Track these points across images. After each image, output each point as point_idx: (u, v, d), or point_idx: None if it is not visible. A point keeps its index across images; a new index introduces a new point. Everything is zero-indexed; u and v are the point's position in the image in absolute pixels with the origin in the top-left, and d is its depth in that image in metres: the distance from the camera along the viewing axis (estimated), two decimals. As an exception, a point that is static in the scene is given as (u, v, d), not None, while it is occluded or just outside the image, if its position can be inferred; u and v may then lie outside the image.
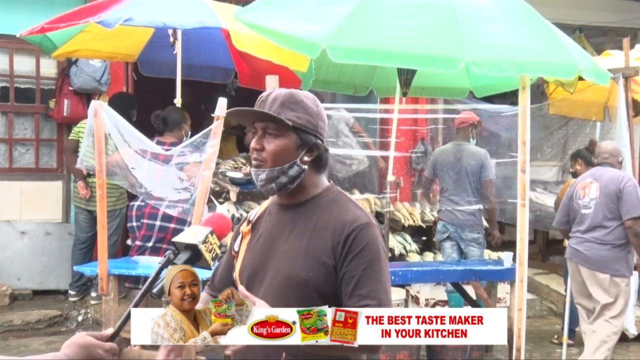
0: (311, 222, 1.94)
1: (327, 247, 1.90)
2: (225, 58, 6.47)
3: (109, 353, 1.67)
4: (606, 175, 5.15)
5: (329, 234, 1.91)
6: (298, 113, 1.94)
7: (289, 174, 1.93)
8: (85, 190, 6.37)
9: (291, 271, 1.90)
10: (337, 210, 1.96)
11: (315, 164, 2.00)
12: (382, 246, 1.94)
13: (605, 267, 4.99)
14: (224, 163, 7.14)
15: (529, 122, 4.68)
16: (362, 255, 1.88)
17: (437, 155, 6.46)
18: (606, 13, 9.01)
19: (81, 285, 6.76)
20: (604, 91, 6.33)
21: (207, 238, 1.81)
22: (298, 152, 1.94)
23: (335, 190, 2.04)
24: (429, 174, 6.54)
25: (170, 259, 1.78)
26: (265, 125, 1.93)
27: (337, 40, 4.15)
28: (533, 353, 6.22)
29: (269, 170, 1.93)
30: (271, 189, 1.94)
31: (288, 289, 1.90)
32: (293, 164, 1.93)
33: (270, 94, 1.96)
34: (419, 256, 7.02)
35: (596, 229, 5.06)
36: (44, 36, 5.51)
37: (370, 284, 1.86)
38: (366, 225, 1.92)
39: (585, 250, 5.07)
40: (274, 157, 1.92)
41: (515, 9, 4.76)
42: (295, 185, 1.95)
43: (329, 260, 1.89)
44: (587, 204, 5.15)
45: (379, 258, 1.91)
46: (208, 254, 1.80)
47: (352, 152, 6.75)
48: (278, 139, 1.92)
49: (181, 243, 1.80)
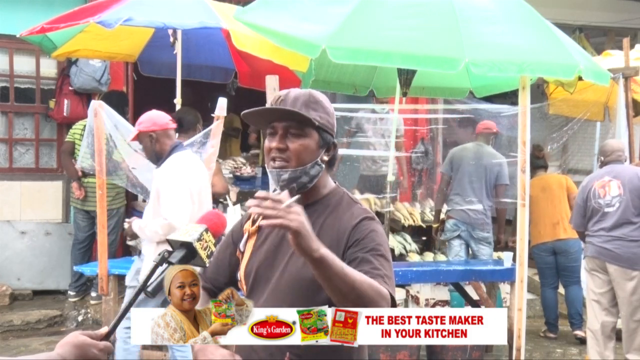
0: (318, 223, 1.94)
1: (335, 247, 1.89)
2: (225, 58, 6.47)
3: (103, 352, 1.66)
4: (626, 171, 5.16)
5: (334, 233, 1.92)
6: (319, 113, 1.95)
7: (311, 173, 1.94)
8: (79, 191, 6.38)
9: (298, 272, 1.90)
10: (342, 210, 1.97)
11: (329, 164, 2.01)
12: (384, 237, 1.95)
13: (638, 264, 5.00)
14: (224, 163, 7.16)
15: (529, 122, 4.68)
16: (365, 242, 1.89)
17: (456, 152, 6.47)
18: (606, 13, 9.01)
19: (81, 285, 6.76)
20: (604, 91, 6.33)
21: (201, 236, 1.80)
22: (319, 152, 1.95)
23: (341, 191, 2.05)
24: (445, 170, 6.52)
25: (164, 257, 1.77)
26: (288, 125, 1.92)
27: (337, 41, 4.15)
28: (533, 353, 6.22)
29: (293, 170, 1.92)
30: (292, 188, 1.93)
31: (295, 289, 1.90)
32: (315, 164, 1.94)
33: (288, 93, 1.95)
34: (419, 256, 7.01)
35: (623, 225, 5.04)
36: (44, 36, 5.51)
37: (374, 262, 1.85)
38: (369, 219, 1.95)
39: (615, 249, 5.05)
40: (298, 157, 1.91)
41: (515, 9, 4.76)
42: (312, 184, 1.96)
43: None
44: (609, 202, 5.12)
45: (382, 245, 1.91)
46: (203, 251, 1.79)
47: (353, 152, 6.76)
48: (302, 139, 1.92)
49: (176, 241, 1.79)
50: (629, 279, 5.02)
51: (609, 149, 5.32)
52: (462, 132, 6.52)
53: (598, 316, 5.19)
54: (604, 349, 5.16)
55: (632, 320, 5.06)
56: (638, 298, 5.02)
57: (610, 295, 5.14)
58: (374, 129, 6.74)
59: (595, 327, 5.19)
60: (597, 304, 5.21)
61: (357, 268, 1.81)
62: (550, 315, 6.66)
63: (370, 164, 7.10)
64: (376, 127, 6.75)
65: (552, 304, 6.66)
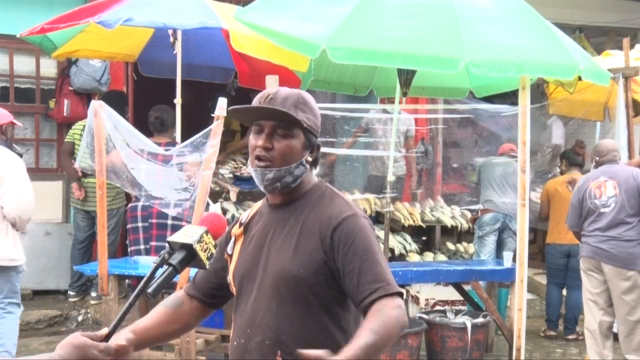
0: (300, 219, 1.95)
1: (316, 243, 1.90)
2: (225, 58, 6.47)
3: (103, 353, 1.66)
4: (622, 172, 5.17)
5: (316, 229, 1.91)
6: (307, 114, 1.95)
7: (295, 173, 1.94)
8: (79, 192, 6.38)
9: (282, 268, 1.90)
10: (324, 205, 1.97)
11: (312, 164, 2.01)
12: (371, 234, 1.94)
13: (634, 264, 5.01)
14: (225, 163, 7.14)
15: (529, 122, 4.68)
16: (356, 247, 1.87)
17: (487, 160, 6.73)
18: (606, 13, 9.01)
19: (81, 285, 6.76)
20: (604, 91, 6.33)
21: (202, 237, 1.80)
22: (304, 153, 1.95)
23: (324, 185, 2.04)
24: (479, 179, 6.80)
25: (165, 258, 1.77)
26: (276, 125, 1.91)
27: (337, 41, 4.16)
28: (533, 353, 6.22)
29: (277, 170, 1.92)
30: (275, 187, 1.94)
31: (280, 287, 1.90)
32: (299, 164, 1.94)
33: (278, 92, 1.94)
34: (419, 256, 7.02)
35: (619, 225, 5.05)
36: (44, 36, 5.51)
37: (372, 269, 1.86)
38: (352, 217, 1.91)
39: (610, 249, 5.05)
40: (283, 157, 1.91)
41: (515, 9, 4.77)
42: (296, 184, 1.96)
43: (319, 254, 1.89)
44: (605, 202, 5.12)
45: (372, 244, 1.90)
46: (203, 253, 1.79)
47: (353, 152, 6.76)
48: (289, 139, 1.92)
49: (176, 242, 1.79)
50: (624, 278, 5.02)
51: (604, 149, 5.32)
52: (462, 132, 6.54)
53: (595, 316, 5.20)
54: (602, 349, 5.16)
55: (628, 320, 5.06)
56: (634, 298, 5.02)
57: (607, 295, 5.14)
58: (384, 129, 6.76)
59: (593, 327, 5.20)
60: (594, 304, 5.21)
61: (360, 282, 1.84)
62: (552, 313, 6.66)
63: (379, 165, 7.11)
64: (386, 127, 6.77)
65: (556, 302, 6.66)
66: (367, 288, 1.83)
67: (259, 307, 1.93)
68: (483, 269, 5.79)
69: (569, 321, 6.55)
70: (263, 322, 1.91)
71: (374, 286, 1.83)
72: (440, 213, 7.32)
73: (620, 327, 5.13)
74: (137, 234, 5.26)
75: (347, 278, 1.87)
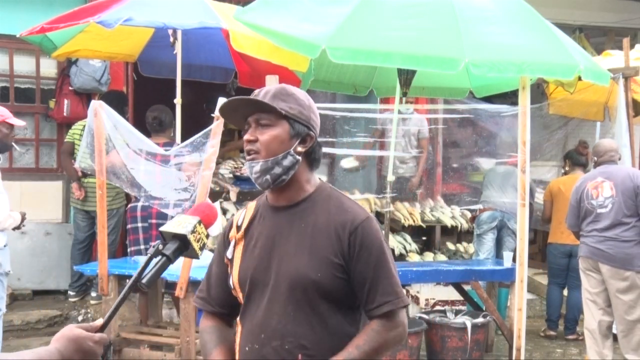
0: (310, 222, 1.94)
1: (333, 247, 1.90)
2: (225, 58, 6.47)
3: (98, 344, 1.65)
4: (619, 173, 5.17)
5: (332, 233, 1.92)
6: (289, 104, 1.96)
7: (284, 164, 1.93)
8: (79, 192, 6.38)
9: (297, 272, 1.90)
10: (335, 208, 1.97)
11: (309, 159, 2.01)
12: (382, 237, 1.99)
13: (631, 264, 5.01)
14: (225, 163, 7.14)
15: (529, 122, 4.68)
16: (370, 254, 1.91)
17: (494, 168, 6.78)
18: (606, 13, 9.01)
19: (81, 285, 6.76)
20: (604, 91, 6.32)
21: (195, 228, 1.79)
22: (291, 142, 1.95)
23: (328, 187, 2.05)
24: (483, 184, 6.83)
25: (158, 249, 1.77)
26: (258, 117, 1.95)
27: (337, 41, 4.15)
28: (533, 353, 6.22)
29: (264, 161, 1.93)
30: (266, 180, 1.94)
31: (295, 290, 1.89)
32: (287, 154, 1.94)
33: (262, 90, 1.99)
34: (419, 256, 7.02)
35: (616, 226, 5.05)
36: (44, 36, 5.51)
37: (383, 280, 1.92)
38: (366, 221, 1.95)
39: (608, 249, 5.06)
40: (267, 147, 1.93)
41: (515, 9, 4.76)
42: (289, 177, 1.95)
43: (338, 260, 1.91)
44: (602, 202, 5.13)
45: (384, 251, 1.95)
46: (196, 243, 1.79)
47: (353, 152, 6.76)
48: (270, 129, 1.94)
49: (169, 233, 1.79)
50: (621, 279, 5.03)
51: (602, 149, 5.33)
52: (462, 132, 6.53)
53: (595, 315, 5.20)
54: (602, 348, 5.17)
55: (626, 319, 5.06)
56: (632, 298, 5.02)
57: (606, 294, 5.15)
58: (403, 130, 6.81)
59: (593, 327, 5.20)
60: (593, 303, 5.22)
61: (370, 295, 1.91)
62: (553, 313, 6.66)
63: (397, 164, 7.12)
64: (404, 128, 6.82)
65: (557, 302, 6.67)
66: (377, 299, 1.90)
67: (273, 312, 1.91)
68: (483, 269, 5.79)
69: (570, 321, 6.55)
70: (279, 327, 1.90)
71: (384, 299, 1.90)
72: (440, 213, 7.32)
73: (619, 327, 5.14)
74: (136, 234, 5.25)
75: (358, 285, 1.92)
